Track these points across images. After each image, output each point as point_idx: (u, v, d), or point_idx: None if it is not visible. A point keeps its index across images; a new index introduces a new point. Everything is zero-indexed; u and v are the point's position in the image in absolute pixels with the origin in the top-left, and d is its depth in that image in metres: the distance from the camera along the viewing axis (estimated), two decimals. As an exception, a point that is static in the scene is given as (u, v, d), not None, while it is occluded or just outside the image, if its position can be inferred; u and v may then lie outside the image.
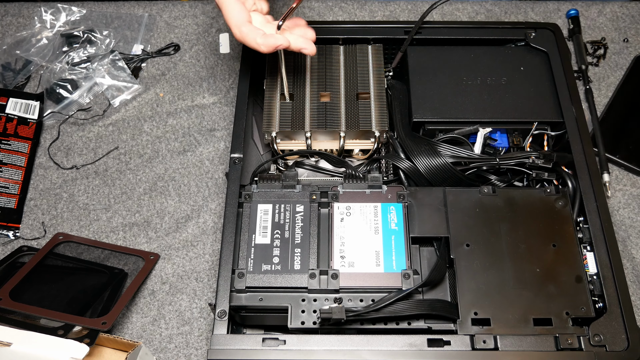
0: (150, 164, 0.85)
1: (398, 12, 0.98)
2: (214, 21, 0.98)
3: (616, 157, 0.82)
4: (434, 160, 0.69)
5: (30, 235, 0.80)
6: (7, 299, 0.69)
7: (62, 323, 0.67)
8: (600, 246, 0.65)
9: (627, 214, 0.79)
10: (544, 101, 0.75)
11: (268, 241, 0.66)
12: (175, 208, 0.82)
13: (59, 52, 0.93)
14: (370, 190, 0.69)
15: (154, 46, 0.96)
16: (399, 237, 0.66)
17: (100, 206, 0.82)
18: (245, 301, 0.63)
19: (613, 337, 0.60)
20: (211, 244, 0.79)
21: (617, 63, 0.91)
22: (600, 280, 0.63)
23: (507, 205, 0.67)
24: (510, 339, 0.60)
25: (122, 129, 0.89)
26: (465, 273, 0.63)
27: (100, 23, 0.97)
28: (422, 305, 0.61)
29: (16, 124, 0.86)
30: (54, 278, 0.75)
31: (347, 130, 0.73)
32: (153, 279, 0.77)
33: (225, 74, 0.93)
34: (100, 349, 0.70)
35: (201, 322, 0.74)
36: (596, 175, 0.69)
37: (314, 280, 0.63)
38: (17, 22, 0.98)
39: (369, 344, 0.59)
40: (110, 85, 0.91)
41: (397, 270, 0.63)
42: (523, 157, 0.70)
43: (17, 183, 0.83)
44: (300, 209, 0.68)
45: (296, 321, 0.62)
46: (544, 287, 0.62)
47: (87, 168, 0.85)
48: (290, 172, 0.70)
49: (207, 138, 0.87)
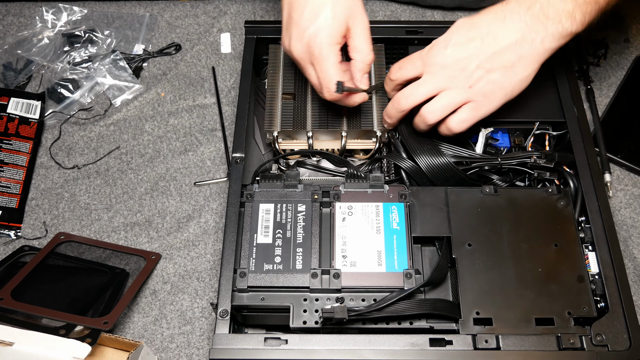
0: (151, 163, 0.85)
1: (399, 12, 0.98)
2: (215, 21, 0.98)
3: (617, 157, 0.82)
4: (436, 160, 0.69)
5: (31, 235, 0.80)
6: (8, 298, 0.69)
7: (64, 323, 0.67)
8: (602, 246, 0.65)
9: (628, 213, 0.79)
10: (545, 101, 0.75)
11: (270, 241, 0.66)
12: (176, 208, 0.82)
13: (60, 51, 0.93)
14: (372, 190, 0.69)
15: (155, 46, 0.96)
16: (400, 236, 0.66)
17: (101, 206, 0.82)
18: (247, 301, 0.63)
19: (615, 337, 0.60)
20: (212, 244, 0.79)
21: (618, 63, 0.91)
22: (602, 280, 0.63)
23: (509, 205, 0.67)
24: (512, 338, 0.60)
25: (123, 128, 0.89)
26: (467, 273, 0.63)
27: (102, 23, 0.97)
28: (424, 305, 0.61)
29: (17, 124, 0.86)
30: (56, 278, 0.75)
31: (349, 130, 0.73)
32: (154, 279, 0.77)
33: (226, 74, 0.93)
34: (101, 349, 0.70)
35: (202, 321, 0.74)
36: (598, 175, 0.69)
37: (316, 279, 0.63)
38: (19, 22, 0.98)
39: (370, 344, 0.59)
40: (111, 85, 0.91)
41: (399, 270, 0.63)
42: (525, 156, 0.70)
43: (19, 183, 0.83)
44: (302, 208, 0.68)
45: (298, 321, 0.62)
46: (545, 287, 0.62)
47: (88, 168, 0.85)
48: (291, 172, 0.70)
49: (208, 138, 0.87)
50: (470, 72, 0.65)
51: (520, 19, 0.64)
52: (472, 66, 0.65)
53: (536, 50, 0.64)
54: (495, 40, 0.64)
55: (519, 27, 0.64)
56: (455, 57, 0.65)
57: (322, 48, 0.65)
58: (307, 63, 0.68)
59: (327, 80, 0.67)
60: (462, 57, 0.65)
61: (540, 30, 0.63)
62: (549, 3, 0.63)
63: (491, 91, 0.66)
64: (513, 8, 0.64)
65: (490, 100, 0.66)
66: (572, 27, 0.63)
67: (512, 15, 0.64)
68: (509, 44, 0.64)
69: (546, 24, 0.63)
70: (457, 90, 0.66)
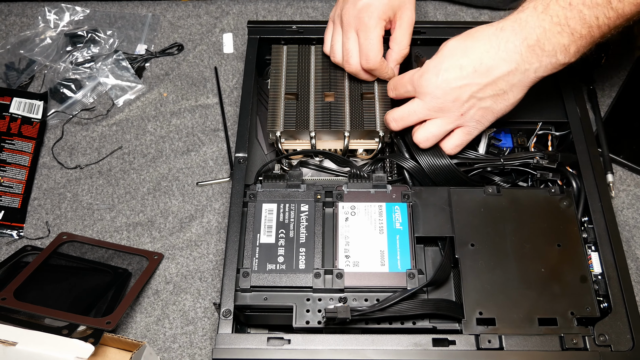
0: (154, 163, 0.85)
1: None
2: (217, 21, 0.98)
3: (620, 157, 0.82)
4: (439, 160, 0.69)
5: (34, 235, 0.80)
6: (11, 298, 0.69)
7: (67, 322, 0.67)
8: (605, 246, 0.65)
9: (630, 214, 0.79)
10: (548, 101, 0.75)
11: (273, 240, 0.66)
12: (179, 208, 0.82)
13: (62, 51, 0.93)
14: (374, 190, 0.69)
15: (157, 46, 0.96)
16: (403, 236, 0.66)
17: (104, 206, 0.82)
18: (250, 300, 0.63)
19: (618, 337, 0.60)
20: (215, 244, 0.79)
21: (620, 63, 0.91)
22: (605, 280, 0.63)
23: (512, 205, 0.67)
24: (515, 338, 0.60)
25: (125, 128, 0.89)
26: (470, 273, 0.63)
27: (104, 23, 0.97)
28: (427, 305, 0.61)
29: (20, 124, 0.86)
30: (58, 278, 0.75)
31: (352, 130, 0.73)
32: (157, 279, 0.77)
33: (228, 74, 0.93)
34: (104, 349, 0.70)
35: (205, 321, 0.74)
36: (601, 175, 0.69)
37: (319, 279, 0.63)
38: (21, 22, 0.98)
39: (373, 344, 0.59)
40: (114, 85, 0.91)
41: (402, 270, 0.63)
42: (527, 157, 0.70)
43: (21, 183, 0.83)
44: (305, 208, 0.68)
45: (301, 320, 0.62)
46: (548, 287, 0.62)
47: (90, 168, 0.85)
48: (294, 172, 0.70)
49: (210, 138, 0.87)
50: (462, 102, 0.64)
51: (515, 50, 0.62)
52: (465, 97, 0.64)
53: (528, 79, 0.63)
54: (489, 71, 0.63)
55: (513, 59, 0.62)
56: (446, 88, 0.64)
57: (372, 18, 0.70)
58: (352, 29, 0.72)
59: (368, 49, 0.71)
60: (454, 87, 0.64)
61: (534, 62, 0.62)
62: (546, 36, 0.61)
63: (482, 116, 0.66)
64: (509, 37, 0.62)
65: (482, 123, 0.67)
66: (565, 59, 0.62)
67: (507, 44, 0.62)
68: (501, 74, 0.63)
69: (541, 57, 0.62)
70: (448, 118, 0.66)
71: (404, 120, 0.68)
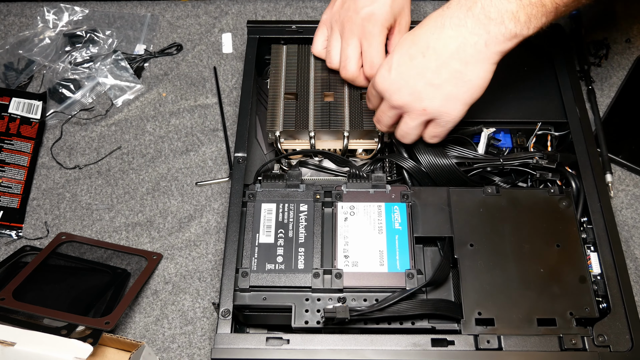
0: (153, 163, 0.85)
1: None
2: (216, 21, 0.98)
3: (619, 157, 0.82)
4: (438, 160, 0.69)
5: (33, 235, 0.80)
6: (10, 298, 0.69)
7: (65, 323, 0.67)
8: (604, 246, 0.65)
9: (629, 214, 0.79)
10: (547, 101, 0.75)
11: (272, 240, 0.66)
12: (178, 208, 0.82)
13: (61, 51, 0.93)
14: (374, 190, 0.69)
15: (156, 46, 0.96)
16: (402, 236, 0.66)
17: (103, 206, 0.82)
18: (249, 300, 0.63)
19: (617, 338, 0.60)
20: (214, 244, 0.79)
21: (619, 63, 0.91)
22: (604, 281, 0.63)
23: (511, 206, 0.67)
24: (514, 339, 0.60)
25: (124, 128, 0.89)
26: (469, 273, 0.63)
27: (103, 23, 0.97)
28: (425, 305, 0.61)
29: (19, 124, 0.86)
30: (57, 278, 0.75)
31: (351, 130, 0.73)
32: (156, 279, 0.77)
33: (227, 74, 0.93)
34: (103, 349, 0.70)
35: (204, 321, 0.73)
36: (600, 175, 0.69)
37: (318, 279, 0.63)
38: (20, 22, 0.98)
39: (372, 344, 0.59)
40: (112, 85, 0.91)
41: (401, 270, 0.63)
42: (527, 157, 0.70)
43: (20, 183, 0.83)
44: (304, 208, 0.67)
45: (300, 320, 0.62)
46: (547, 288, 0.62)
47: (89, 168, 0.85)
48: (294, 172, 0.70)
49: (209, 138, 0.87)
50: (419, 94, 0.62)
51: (460, 23, 0.59)
52: (419, 86, 0.62)
53: (481, 53, 0.59)
54: (436, 52, 0.60)
55: (460, 33, 0.59)
56: (400, 82, 0.62)
57: (376, 26, 0.70)
58: (354, 36, 0.71)
59: (372, 56, 0.71)
60: (407, 79, 0.62)
61: (483, 33, 0.59)
62: (491, 2, 0.58)
63: (448, 106, 0.63)
64: (453, 12, 0.60)
65: (451, 113, 0.63)
66: (516, 28, 0.58)
67: (451, 20, 0.60)
68: (451, 53, 0.60)
69: (488, 26, 0.58)
70: (413, 114, 0.64)
71: (380, 122, 0.69)
